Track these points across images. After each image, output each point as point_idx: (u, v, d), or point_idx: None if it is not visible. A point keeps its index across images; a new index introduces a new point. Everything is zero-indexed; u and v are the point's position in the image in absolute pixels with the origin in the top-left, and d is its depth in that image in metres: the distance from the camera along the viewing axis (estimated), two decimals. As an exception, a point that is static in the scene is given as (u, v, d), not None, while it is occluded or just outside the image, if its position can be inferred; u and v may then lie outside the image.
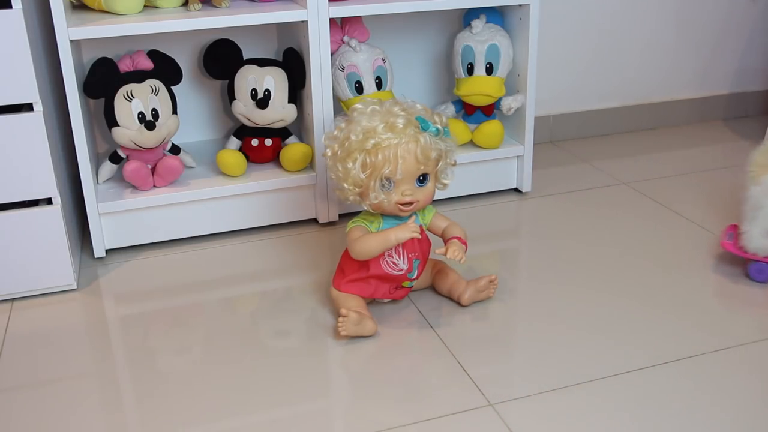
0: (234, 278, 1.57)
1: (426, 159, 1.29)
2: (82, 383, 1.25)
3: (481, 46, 1.80)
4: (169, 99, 1.63)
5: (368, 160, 1.28)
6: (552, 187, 1.96)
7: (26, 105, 1.40)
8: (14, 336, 1.38)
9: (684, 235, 1.71)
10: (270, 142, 1.75)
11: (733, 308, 1.43)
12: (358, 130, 1.29)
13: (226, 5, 1.66)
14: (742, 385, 1.22)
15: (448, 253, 1.33)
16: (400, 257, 1.35)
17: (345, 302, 1.37)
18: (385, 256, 1.34)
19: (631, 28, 2.28)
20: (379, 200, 1.30)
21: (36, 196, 1.44)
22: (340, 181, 1.33)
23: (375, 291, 1.39)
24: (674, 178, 2.02)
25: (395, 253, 1.35)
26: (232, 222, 1.72)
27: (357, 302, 1.37)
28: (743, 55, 2.45)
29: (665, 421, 1.14)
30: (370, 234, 1.33)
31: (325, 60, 1.66)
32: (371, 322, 1.33)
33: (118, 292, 1.52)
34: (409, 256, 1.36)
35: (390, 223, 1.36)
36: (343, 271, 1.40)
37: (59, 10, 1.44)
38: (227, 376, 1.26)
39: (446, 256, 1.33)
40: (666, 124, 2.41)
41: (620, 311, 1.42)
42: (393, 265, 1.35)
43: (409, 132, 1.28)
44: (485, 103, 1.84)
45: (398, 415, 1.16)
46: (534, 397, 1.20)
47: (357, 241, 1.32)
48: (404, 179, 1.29)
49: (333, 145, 1.34)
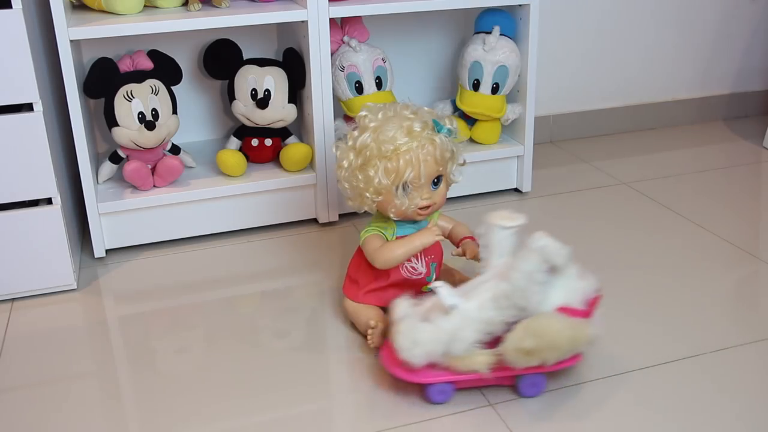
0: (234, 278, 1.57)
1: (443, 160, 1.28)
2: (82, 383, 1.25)
3: (490, 67, 1.79)
4: (169, 99, 1.63)
5: (389, 166, 1.25)
6: (552, 187, 1.96)
7: (26, 105, 1.40)
8: (14, 336, 1.38)
9: (684, 236, 1.71)
10: (270, 142, 1.75)
11: (734, 308, 1.43)
12: (376, 136, 1.26)
13: (226, 5, 1.66)
14: (742, 385, 1.22)
15: (468, 254, 1.33)
16: (418, 261, 1.34)
17: (364, 313, 1.34)
18: (405, 262, 1.33)
19: (632, 28, 2.28)
20: (405, 206, 1.29)
21: (36, 196, 1.44)
22: (360, 190, 1.29)
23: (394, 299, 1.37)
24: (674, 178, 2.02)
25: (414, 257, 1.33)
26: (232, 222, 1.72)
27: (376, 312, 1.33)
28: (743, 56, 2.45)
29: (665, 421, 1.14)
30: (393, 242, 1.30)
31: (325, 60, 1.66)
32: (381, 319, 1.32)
33: (118, 292, 1.52)
34: (426, 260, 1.35)
35: (404, 227, 1.33)
36: (356, 282, 1.37)
37: (59, 10, 1.44)
38: (227, 376, 1.26)
39: (467, 258, 1.33)
40: (666, 124, 2.41)
41: (620, 311, 1.42)
42: (413, 270, 1.34)
43: (425, 135, 1.26)
44: (485, 119, 1.85)
45: (398, 415, 1.16)
46: (534, 397, 1.20)
47: (380, 250, 1.30)
48: (422, 182, 1.28)
49: (348, 154, 1.29)
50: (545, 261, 1.12)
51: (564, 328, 1.13)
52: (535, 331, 1.12)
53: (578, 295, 1.17)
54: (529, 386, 1.19)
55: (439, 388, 1.17)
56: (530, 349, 1.12)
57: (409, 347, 1.13)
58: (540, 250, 1.12)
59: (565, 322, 1.14)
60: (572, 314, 1.15)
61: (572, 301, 1.16)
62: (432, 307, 1.16)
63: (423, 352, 1.13)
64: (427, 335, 1.13)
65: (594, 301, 1.19)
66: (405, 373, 1.17)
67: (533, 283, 1.12)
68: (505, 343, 1.13)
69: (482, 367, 1.14)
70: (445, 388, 1.18)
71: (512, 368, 1.15)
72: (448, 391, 1.18)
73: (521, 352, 1.12)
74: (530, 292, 1.12)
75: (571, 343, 1.14)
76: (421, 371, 1.16)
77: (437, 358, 1.14)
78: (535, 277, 1.12)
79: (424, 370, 1.16)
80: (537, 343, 1.12)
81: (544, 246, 1.12)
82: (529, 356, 1.13)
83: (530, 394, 1.20)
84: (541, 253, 1.12)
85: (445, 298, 1.14)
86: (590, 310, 1.18)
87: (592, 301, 1.19)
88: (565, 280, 1.17)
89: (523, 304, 1.13)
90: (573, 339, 1.14)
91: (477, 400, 1.19)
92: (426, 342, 1.13)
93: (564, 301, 1.16)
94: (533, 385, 1.19)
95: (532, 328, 1.12)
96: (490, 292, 1.14)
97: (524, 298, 1.12)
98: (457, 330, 1.13)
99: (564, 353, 1.15)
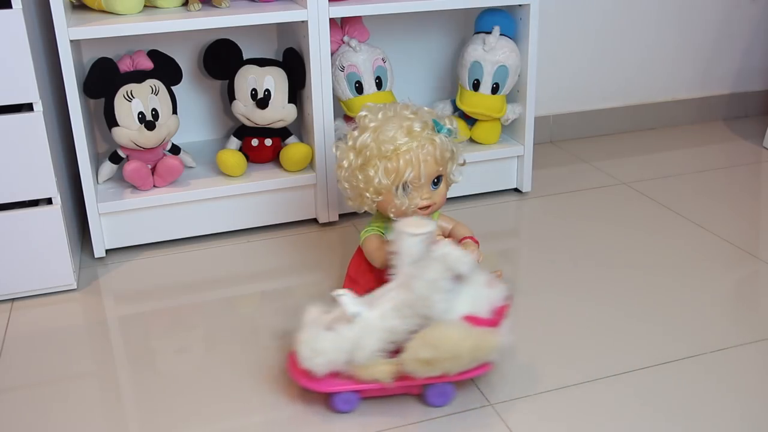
0: (234, 278, 1.57)
1: (443, 160, 1.28)
2: (82, 383, 1.25)
3: (490, 67, 1.79)
4: (169, 99, 1.63)
5: (389, 166, 1.25)
6: (552, 187, 1.96)
7: (26, 105, 1.40)
8: (14, 336, 1.38)
9: (684, 236, 1.71)
10: (270, 142, 1.75)
11: (734, 308, 1.43)
12: (376, 136, 1.26)
13: (226, 5, 1.66)
14: (742, 385, 1.22)
15: None
16: None
17: None
18: None
19: (632, 28, 2.28)
20: (406, 206, 1.29)
21: (36, 196, 1.44)
22: (360, 190, 1.29)
23: None
24: (674, 178, 2.02)
25: None
26: (232, 222, 1.72)
27: None
28: (743, 56, 2.45)
29: (665, 421, 1.14)
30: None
31: (325, 60, 1.66)
32: None
33: (118, 292, 1.53)
34: None
35: None
36: (356, 282, 1.36)
37: (59, 10, 1.44)
38: (227, 376, 1.26)
39: None
40: (666, 124, 2.41)
41: (620, 311, 1.42)
42: None
43: (425, 135, 1.27)
44: (485, 119, 1.85)
45: (398, 415, 1.16)
46: (534, 397, 1.20)
47: (380, 250, 1.30)
48: (423, 182, 1.28)
49: (348, 154, 1.30)
50: (448, 269, 1.10)
51: (464, 337, 1.11)
52: (432, 342, 1.10)
53: (485, 303, 1.16)
54: (437, 396, 1.17)
55: (344, 397, 1.16)
56: (428, 359, 1.10)
57: (310, 356, 1.12)
58: (441, 258, 1.10)
59: (465, 332, 1.12)
60: (477, 323, 1.13)
61: (478, 309, 1.15)
62: (338, 316, 1.14)
63: (324, 361, 1.11)
64: (328, 344, 1.11)
65: (502, 310, 1.17)
66: (309, 382, 1.15)
67: (436, 292, 1.10)
68: (404, 353, 1.12)
69: (385, 376, 1.13)
70: (350, 397, 1.16)
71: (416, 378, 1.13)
72: (353, 401, 1.16)
73: (419, 362, 1.10)
74: (433, 300, 1.10)
75: (474, 353, 1.12)
76: (324, 380, 1.14)
77: (341, 367, 1.13)
78: (438, 285, 1.10)
79: (328, 379, 1.14)
80: (434, 354, 1.10)
81: (446, 254, 1.10)
82: (429, 366, 1.11)
83: (438, 404, 1.17)
84: (442, 261, 1.10)
85: (347, 306, 1.13)
86: (497, 319, 1.16)
87: (500, 309, 1.17)
88: (472, 289, 1.15)
89: (427, 313, 1.11)
90: (475, 348, 1.12)
91: (477, 400, 1.19)
92: (327, 351, 1.11)
93: (470, 310, 1.14)
94: (441, 394, 1.17)
95: (428, 338, 1.10)
96: (394, 300, 1.13)
97: (427, 306, 1.11)
98: (359, 339, 1.11)
99: (467, 363, 1.13)
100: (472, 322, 1.13)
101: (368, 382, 1.14)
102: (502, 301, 1.18)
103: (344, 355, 1.12)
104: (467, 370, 1.14)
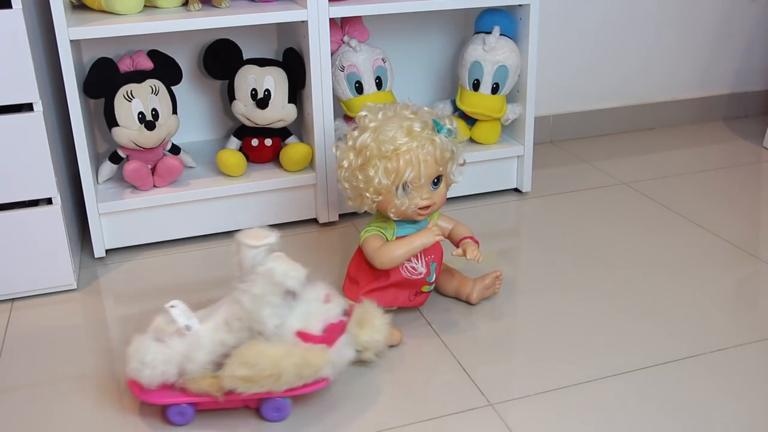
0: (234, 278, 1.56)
1: (443, 160, 1.29)
2: (82, 383, 1.25)
3: (490, 67, 1.79)
4: (169, 99, 1.63)
5: (389, 166, 1.25)
6: (552, 187, 1.96)
7: (26, 105, 1.40)
8: (14, 336, 1.38)
9: (684, 236, 1.71)
10: (270, 142, 1.75)
11: (734, 308, 1.43)
12: (376, 136, 1.26)
13: (226, 5, 1.66)
14: (742, 385, 1.22)
15: (468, 255, 1.33)
16: (418, 261, 1.34)
17: None
18: (405, 262, 1.33)
19: (631, 28, 2.28)
20: (405, 206, 1.29)
21: (36, 196, 1.44)
22: (360, 190, 1.29)
23: (394, 299, 1.36)
24: (674, 178, 2.02)
25: (414, 257, 1.33)
26: (232, 222, 1.72)
27: None
28: (743, 56, 2.45)
29: (665, 421, 1.14)
30: (393, 242, 1.31)
31: (325, 60, 1.66)
32: (397, 332, 1.32)
33: (118, 292, 1.52)
34: (426, 260, 1.35)
35: (404, 227, 1.33)
36: (356, 282, 1.37)
37: (59, 10, 1.44)
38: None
39: (467, 258, 1.33)
40: (666, 124, 2.41)
41: (620, 311, 1.42)
42: (413, 270, 1.34)
43: (425, 135, 1.27)
44: (485, 119, 1.85)
45: (398, 415, 1.16)
46: (534, 397, 1.20)
47: (380, 250, 1.30)
48: (423, 182, 1.28)
49: (348, 154, 1.30)
50: (275, 284, 1.09)
51: (284, 355, 1.09)
52: (247, 360, 1.08)
53: (319, 319, 1.15)
54: (272, 410, 1.14)
55: (178, 409, 1.13)
56: (246, 376, 1.08)
57: (137, 368, 1.10)
58: (267, 273, 1.09)
59: (285, 349, 1.10)
60: (307, 340, 1.12)
61: (310, 326, 1.14)
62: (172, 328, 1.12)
63: (153, 373, 1.10)
64: (156, 356, 1.10)
65: (337, 327, 1.17)
66: (141, 393, 1.13)
67: (263, 307, 1.09)
68: (222, 369, 1.10)
69: (214, 390, 1.11)
70: (184, 409, 1.14)
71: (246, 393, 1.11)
72: (188, 413, 1.14)
73: (237, 379, 1.09)
74: (262, 315, 1.09)
75: (299, 370, 1.10)
76: (156, 392, 1.12)
77: (173, 379, 1.11)
78: (265, 300, 1.09)
79: (161, 391, 1.12)
80: (251, 372, 1.08)
81: (272, 269, 1.09)
82: (249, 383, 1.09)
83: (274, 419, 1.15)
84: (268, 276, 1.09)
85: (178, 319, 1.11)
86: (330, 336, 1.15)
87: (335, 326, 1.16)
88: (306, 305, 1.15)
89: (258, 328, 1.10)
90: (301, 365, 1.10)
91: (477, 400, 1.19)
92: (155, 363, 1.10)
93: (302, 326, 1.13)
94: (277, 409, 1.14)
95: (244, 356, 1.09)
96: (225, 314, 1.12)
97: (257, 321, 1.09)
98: (190, 351, 1.10)
99: (293, 380, 1.10)
100: (303, 338, 1.13)
101: (200, 395, 1.12)
102: (339, 318, 1.17)
103: (175, 368, 1.10)
104: (297, 387, 1.12)
